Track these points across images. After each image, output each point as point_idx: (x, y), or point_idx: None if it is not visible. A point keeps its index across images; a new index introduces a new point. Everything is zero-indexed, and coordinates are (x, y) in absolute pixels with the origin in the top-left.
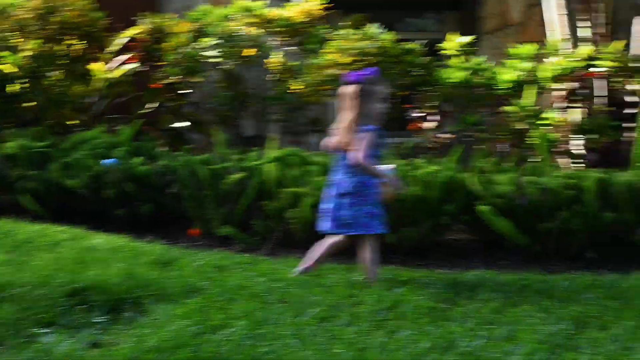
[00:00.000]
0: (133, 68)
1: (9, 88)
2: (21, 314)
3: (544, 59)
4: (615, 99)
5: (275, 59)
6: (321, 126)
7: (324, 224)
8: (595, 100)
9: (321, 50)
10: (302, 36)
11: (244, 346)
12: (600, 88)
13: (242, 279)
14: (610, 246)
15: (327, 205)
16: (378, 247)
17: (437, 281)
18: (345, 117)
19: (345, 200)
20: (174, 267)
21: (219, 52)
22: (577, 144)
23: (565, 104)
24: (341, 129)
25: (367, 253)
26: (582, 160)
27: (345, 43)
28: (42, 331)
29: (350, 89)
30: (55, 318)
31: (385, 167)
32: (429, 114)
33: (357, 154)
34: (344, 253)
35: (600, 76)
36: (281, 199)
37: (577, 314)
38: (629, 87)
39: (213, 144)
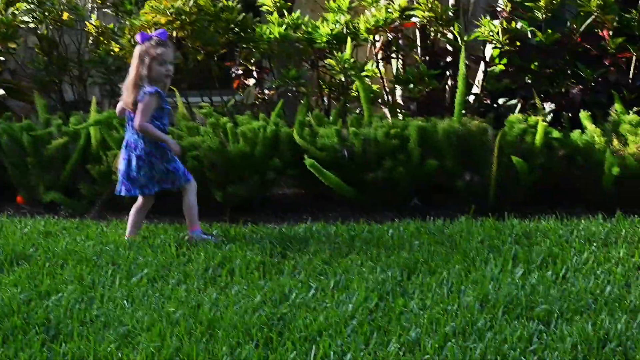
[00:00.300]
0: None
1: None
2: None
3: (365, 12)
4: (437, 48)
5: (92, 22)
6: None
7: (124, 188)
8: (413, 50)
9: (139, 11)
10: None
11: (74, 310)
12: (417, 38)
13: (70, 244)
14: (435, 193)
15: (124, 168)
16: (193, 193)
17: (266, 236)
18: (129, 78)
19: (140, 162)
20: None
21: (34, 17)
22: (397, 95)
23: (383, 56)
24: (125, 90)
25: (185, 204)
26: (402, 111)
27: (161, 3)
28: None
29: (136, 50)
30: None
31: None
32: (250, 70)
33: (137, 117)
34: (174, 213)
35: (416, 26)
36: (106, 162)
37: (405, 260)
38: (449, 35)
39: (33, 110)
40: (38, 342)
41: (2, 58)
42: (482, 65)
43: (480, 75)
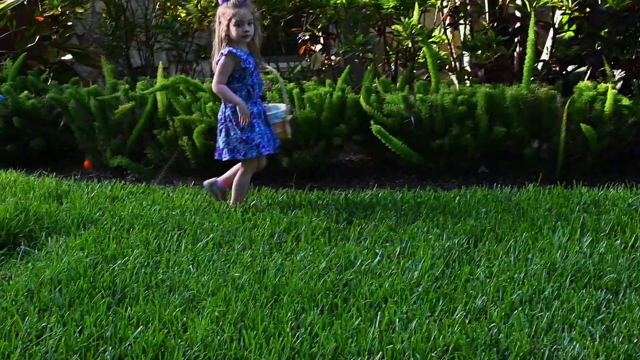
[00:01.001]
0: (13, 1)
1: None
2: None
3: None
4: (506, 14)
5: None
6: (209, 53)
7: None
8: (481, 16)
9: None
10: None
11: (140, 274)
12: (485, 4)
13: (136, 208)
14: (502, 160)
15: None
16: (248, 173)
17: (332, 202)
18: (214, 41)
19: (220, 125)
20: (67, 199)
21: None
22: (464, 61)
23: (451, 21)
24: (213, 53)
25: (234, 177)
26: (470, 77)
27: None
28: None
29: (217, 12)
30: None
31: (275, 105)
32: (317, 36)
33: (214, 79)
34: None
35: None
36: (173, 127)
37: (471, 228)
38: (518, 1)
39: (101, 75)
40: (104, 305)
41: (70, 23)
42: (551, 32)
43: (549, 42)
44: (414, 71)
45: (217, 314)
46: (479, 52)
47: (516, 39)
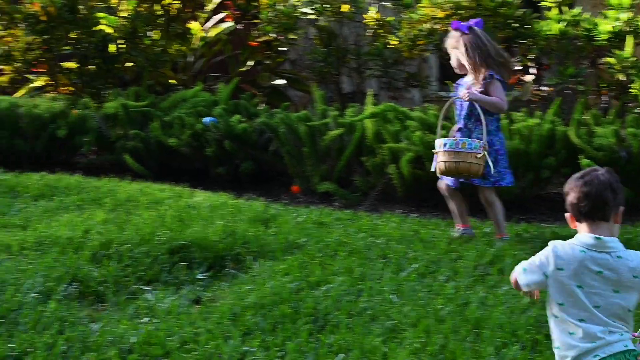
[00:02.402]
0: (229, 27)
1: (111, 48)
2: (124, 271)
3: None
4: None
5: (371, 14)
6: (419, 81)
7: None
8: None
9: (417, 5)
10: None
11: (343, 302)
12: None
13: (342, 235)
14: None
15: None
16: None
17: (539, 235)
18: None
19: None
20: (274, 224)
21: (313, 8)
22: None
23: None
24: None
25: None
26: None
27: None
28: (144, 288)
29: None
30: (157, 275)
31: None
32: (527, 67)
33: None
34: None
35: None
36: (381, 155)
37: None
38: None
39: (311, 101)
40: (305, 331)
41: (283, 48)
42: None
43: None
44: (627, 104)
45: (417, 345)
46: None
47: None
